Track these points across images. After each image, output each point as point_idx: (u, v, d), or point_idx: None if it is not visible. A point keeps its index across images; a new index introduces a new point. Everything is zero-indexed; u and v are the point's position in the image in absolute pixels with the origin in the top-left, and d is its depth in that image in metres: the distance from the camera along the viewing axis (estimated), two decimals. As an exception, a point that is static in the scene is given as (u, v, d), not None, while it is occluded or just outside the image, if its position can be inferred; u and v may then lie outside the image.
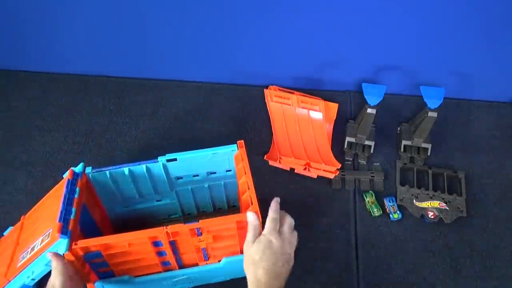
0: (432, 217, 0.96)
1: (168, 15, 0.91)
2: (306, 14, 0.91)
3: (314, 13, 0.91)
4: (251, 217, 0.64)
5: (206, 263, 0.76)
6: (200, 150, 0.78)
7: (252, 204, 0.69)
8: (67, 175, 0.73)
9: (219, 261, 0.76)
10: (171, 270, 0.76)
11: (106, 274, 0.72)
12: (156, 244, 0.69)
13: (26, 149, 0.98)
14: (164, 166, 0.78)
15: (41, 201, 0.78)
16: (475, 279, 0.92)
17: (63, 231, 0.64)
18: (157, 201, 0.86)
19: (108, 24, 0.94)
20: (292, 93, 1.09)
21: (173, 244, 0.70)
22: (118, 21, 0.93)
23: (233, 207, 0.93)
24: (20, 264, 0.68)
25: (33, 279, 0.67)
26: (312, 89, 1.11)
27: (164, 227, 0.67)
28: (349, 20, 0.93)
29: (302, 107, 1.07)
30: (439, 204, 0.97)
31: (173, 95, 1.07)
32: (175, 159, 0.77)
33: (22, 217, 0.79)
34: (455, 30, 0.94)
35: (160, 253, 0.71)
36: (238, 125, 1.05)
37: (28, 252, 0.69)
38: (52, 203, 0.73)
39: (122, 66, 1.07)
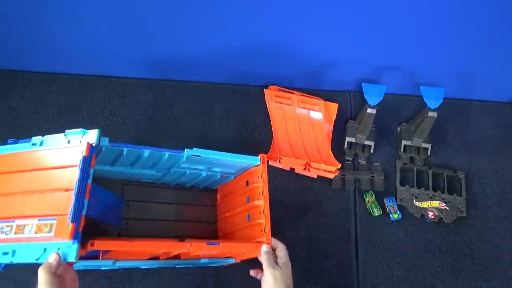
0: (432, 217, 0.96)
1: (168, 15, 0.91)
2: (306, 14, 0.91)
3: (314, 13, 0.91)
4: (266, 248, 0.73)
5: (187, 259, 0.76)
6: (224, 153, 0.75)
7: (266, 234, 0.73)
8: (84, 151, 0.59)
9: (198, 257, 0.76)
10: (154, 259, 0.73)
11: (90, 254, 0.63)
12: None
13: (26, 149, 0.98)
14: (187, 158, 0.74)
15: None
16: (475, 279, 0.92)
17: (75, 234, 0.55)
18: (143, 169, 0.81)
19: (108, 24, 0.93)
20: (292, 93, 1.09)
21: None
22: (118, 21, 0.93)
23: (205, 187, 0.91)
24: None
25: (11, 261, 0.56)
26: (312, 89, 1.10)
27: (188, 243, 0.66)
28: (349, 20, 0.93)
29: (302, 107, 1.07)
30: (439, 204, 0.97)
31: (173, 95, 1.07)
32: (199, 156, 0.74)
33: None
34: (455, 30, 0.94)
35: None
36: (238, 125, 1.05)
37: (10, 228, 0.58)
38: (40, 157, 0.62)
39: (122, 66, 1.07)
